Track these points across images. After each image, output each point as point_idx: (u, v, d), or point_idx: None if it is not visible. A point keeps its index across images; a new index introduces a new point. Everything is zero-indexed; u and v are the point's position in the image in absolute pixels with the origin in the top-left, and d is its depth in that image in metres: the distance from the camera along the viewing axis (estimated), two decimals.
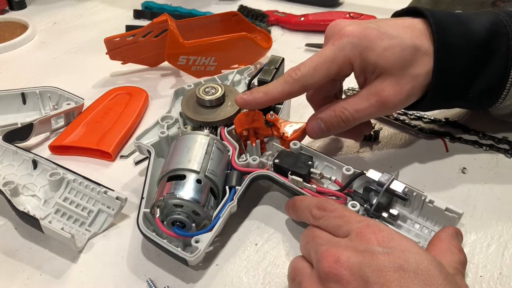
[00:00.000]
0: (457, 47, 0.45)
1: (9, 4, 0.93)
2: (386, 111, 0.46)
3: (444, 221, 0.43)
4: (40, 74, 0.73)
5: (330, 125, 0.47)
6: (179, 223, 0.42)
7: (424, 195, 0.43)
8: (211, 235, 0.41)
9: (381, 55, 0.44)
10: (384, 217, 0.43)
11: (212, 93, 0.51)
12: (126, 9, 0.90)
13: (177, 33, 0.64)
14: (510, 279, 0.41)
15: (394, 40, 0.44)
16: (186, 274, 0.42)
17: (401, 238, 0.34)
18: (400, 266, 0.32)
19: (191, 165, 0.43)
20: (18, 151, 0.51)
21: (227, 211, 0.43)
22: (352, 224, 0.36)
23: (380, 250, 0.33)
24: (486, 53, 0.45)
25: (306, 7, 0.88)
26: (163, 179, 0.44)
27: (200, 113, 0.51)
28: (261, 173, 0.46)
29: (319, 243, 0.36)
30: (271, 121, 0.49)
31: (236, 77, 0.58)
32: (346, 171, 0.45)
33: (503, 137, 0.55)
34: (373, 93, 0.45)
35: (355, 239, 0.34)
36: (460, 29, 0.45)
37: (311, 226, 0.40)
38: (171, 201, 0.42)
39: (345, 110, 0.46)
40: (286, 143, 0.48)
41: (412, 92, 0.45)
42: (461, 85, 0.46)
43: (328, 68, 0.45)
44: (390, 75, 0.45)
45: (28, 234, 0.46)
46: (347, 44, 0.45)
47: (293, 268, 0.38)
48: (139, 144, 0.49)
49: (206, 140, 0.46)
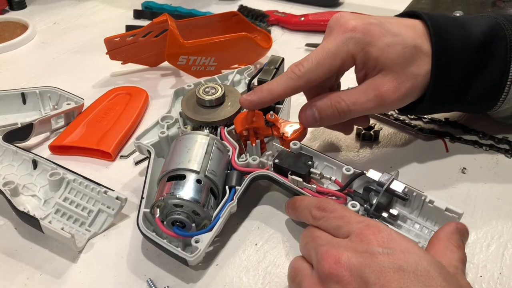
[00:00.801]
0: (455, 50, 0.45)
1: (9, 4, 0.93)
2: (383, 107, 0.46)
3: (444, 221, 0.42)
4: (40, 74, 0.73)
5: (324, 115, 0.46)
6: (179, 223, 0.42)
7: (424, 195, 0.42)
8: (211, 235, 0.41)
9: (383, 51, 0.44)
10: (384, 217, 0.43)
11: (212, 93, 0.51)
12: (126, 9, 0.90)
13: (177, 33, 0.64)
14: (510, 279, 0.41)
15: (396, 37, 0.45)
16: (186, 274, 0.42)
17: (401, 238, 0.34)
18: (400, 267, 0.32)
19: (191, 165, 0.43)
20: (18, 151, 0.51)
21: (227, 211, 0.43)
22: (352, 224, 0.36)
23: (380, 250, 0.33)
24: (484, 57, 0.46)
25: (306, 7, 0.88)
26: (163, 179, 0.44)
27: (200, 113, 0.51)
28: (261, 173, 0.46)
29: (319, 243, 0.36)
30: (271, 121, 0.49)
31: (236, 77, 0.58)
32: (346, 171, 0.45)
33: (503, 137, 0.55)
34: (372, 87, 0.45)
35: (355, 240, 0.34)
36: (459, 32, 0.46)
37: (310, 227, 0.40)
38: (171, 201, 0.42)
39: (342, 101, 0.46)
40: (286, 143, 0.48)
41: (410, 91, 0.45)
42: (459, 87, 0.46)
43: (331, 63, 0.45)
44: (390, 71, 0.45)
45: (28, 234, 0.46)
46: (350, 38, 0.45)
47: (293, 268, 0.38)
48: (139, 144, 0.49)
49: (206, 140, 0.46)
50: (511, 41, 0.45)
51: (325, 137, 0.57)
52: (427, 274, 0.31)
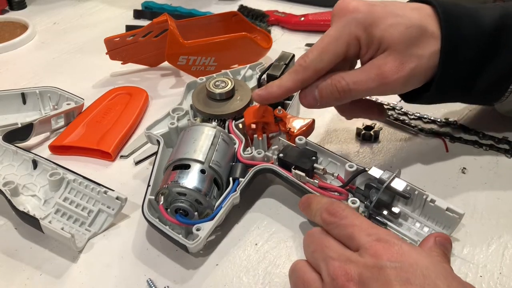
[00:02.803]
0: (465, 38, 0.44)
1: (9, 4, 0.93)
2: (385, 87, 0.44)
3: (445, 221, 0.43)
4: (40, 74, 0.73)
5: (324, 94, 0.45)
6: (182, 211, 0.43)
7: (426, 194, 0.43)
8: (212, 223, 0.42)
9: (386, 30, 0.43)
10: (384, 215, 0.43)
11: (222, 86, 0.52)
12: (126, 9, 0.90)
13: (177, 33, 0.64)
14: (510, 279, 0.41)
15: (400, 18, 0.44)
16: (186, 274, 0.42)
17: (411, 250, 0.34)
18: (407, 280, 0.32)
19: (196, 155, 0.44)
20: (18, 151, 0.51)
21: (230, 201, 0.44)
22: (362, 238, 0.35)
23: (388, 265, 0.33)
24: (494, 46, 0.45)
25: (306, 7, 0.88)
26: (169, 167, 0.45)
27: (209, 106, 0.52)
28: (265, 166, 0.47)
29: (329, 255, 0.36)
30: (279, 116, 0.50)
31: (248, 72, 0.59)
32: (349, 168, 0.45)
33: (503, 137, 0.54)
34: (374, 67, 0.44)
35: (365, 255, 0.34)
36: (469, 20, 0.44)
37: (316, 230, 0.39)
38: (175, 189, 0.43)
39: (343, 79, 0.44)
40: (292, 138, 0.48)
41: (414, 72, 0.44)
42: (468, 76, 0.46)
43: (335, 48, 0.44)
44: (394, 51, 0.43)
45: (28, 234, 0.46)
46: (352, 20, 0.44)
47: (301, 279, 0.37)
48: (149, 134, 0.51)
49: (213, 132, 0.47)
50: None
51: (326, 136, 0.57)
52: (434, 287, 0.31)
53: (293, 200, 0.48)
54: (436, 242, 0.37)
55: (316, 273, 0.36)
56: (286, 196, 0.49)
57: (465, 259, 0.43)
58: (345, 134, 0.57)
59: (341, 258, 0.35)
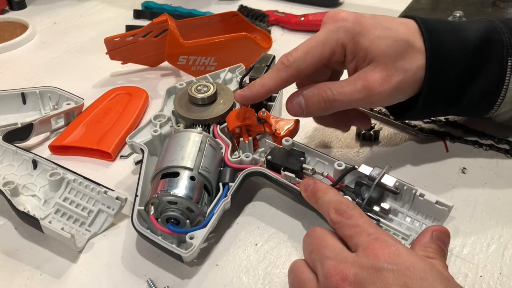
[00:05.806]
0: (449, 52, 0.45)
1: (9, 4, 0.93)
2: (371, 99, 0.45)
3: (434, 214, 0.43)
4: (40, 74, 0.73)
5: (310, 103, 0.46)
6: (174, 220, 0.42)
7: (415, 189, 0.43)
8: (205, 231, 0.41)
9: (374, 41, 0.44)
10: (376, 211, 0.43)
11: (204, 91, 0.52)
12: (126, 9, 0.90)
13: (177, 33, 0.64)
14: (510, 279, 0.41)
15: (388, 30, 0.44)
16: (186, 274, 0.42)
17: (408, 253, 0.34)
18: (405, 283, 0.32)
19: (184, 162, 0.44)
20: (18, 151, 0.51)
21: (221, 207, 0.44)
22: (361, 237, 0.36)
23: (385, 266, 0.33)
24: (480, 60, 0.45)
25: (306, 7, 0.88)
26: (156, 176, 0.44)
27: (192, 111, 0.51)
28: (254, 169, 0.47)
29: (325, 255, 0.36)
30: (263, 118, 0.50)
31: (227, 75, 0.59)
32: (337, 166, 0.45)
33: (503, 137, 0.54)
34: (361, 78, 0.44)
35: (362, 255, 0.34)
36: (453, 35, 0.45)
37: (316, 230, 0.39)
38: (165, 198, 0.42)
39: (329, 89, 0.45)
40: (279, 140, 0.48)
41: (400, 85, 0.44)
42: (455, 90, 0.46)
43: (321, 51, 0.45)
44: (380, 63, 0.44)
45: (28, 234, 0.46)
46: (340, 27, 0.44)
47: (298, 278, 0.37)
48: (132, 143, 0.50)
49: (199, 137, 0.46)
50: (507, 44, 0.45)
51: (325, 136, 0.57)
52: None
53: (288, 201, 0.48)
54: (433, 237, 0.37)
55: (313, 273, 0.36)
56: (277, 197, 0.49)
57: (465, 259, 0.43)
58: (345, 134, 0.57)
59: (337, 257, 0.35)
